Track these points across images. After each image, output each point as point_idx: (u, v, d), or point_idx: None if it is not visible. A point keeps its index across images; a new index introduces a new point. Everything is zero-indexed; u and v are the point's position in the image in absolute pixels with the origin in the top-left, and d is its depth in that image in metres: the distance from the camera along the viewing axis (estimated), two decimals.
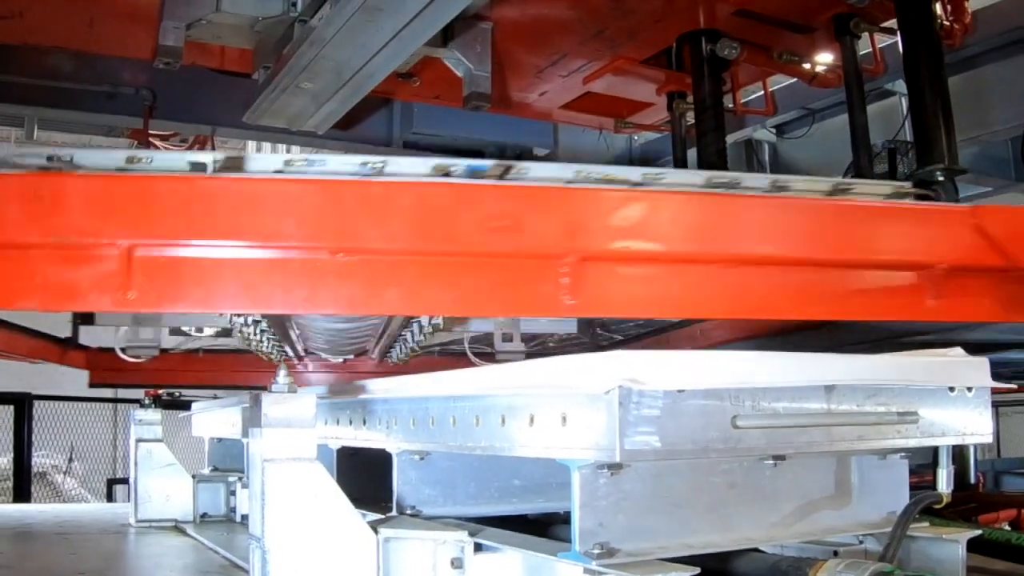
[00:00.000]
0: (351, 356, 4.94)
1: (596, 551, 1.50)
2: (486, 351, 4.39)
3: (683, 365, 1.48)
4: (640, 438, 1.44)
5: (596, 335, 4.61)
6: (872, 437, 1.73)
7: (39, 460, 9.69)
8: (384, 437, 2.25)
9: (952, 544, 1.89)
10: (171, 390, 8.37)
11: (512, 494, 2.19)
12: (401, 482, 2.22)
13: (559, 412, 1.56)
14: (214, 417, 4.00)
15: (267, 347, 4.60)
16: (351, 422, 2.46)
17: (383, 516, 2.10)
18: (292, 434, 1.80)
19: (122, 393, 7.80)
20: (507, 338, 4.15)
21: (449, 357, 4.90)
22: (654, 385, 1.43)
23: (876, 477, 1.94)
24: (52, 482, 11.23)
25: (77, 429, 10.83)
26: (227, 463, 4.11)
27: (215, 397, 9.16)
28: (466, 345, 4.37)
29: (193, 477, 3.86)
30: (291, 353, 4.92)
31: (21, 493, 7.85)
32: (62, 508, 5.84)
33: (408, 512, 2.15)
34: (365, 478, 2.36)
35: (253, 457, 1.82)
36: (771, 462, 1.74)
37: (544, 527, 2.21)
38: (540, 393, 1.61)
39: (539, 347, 4.88)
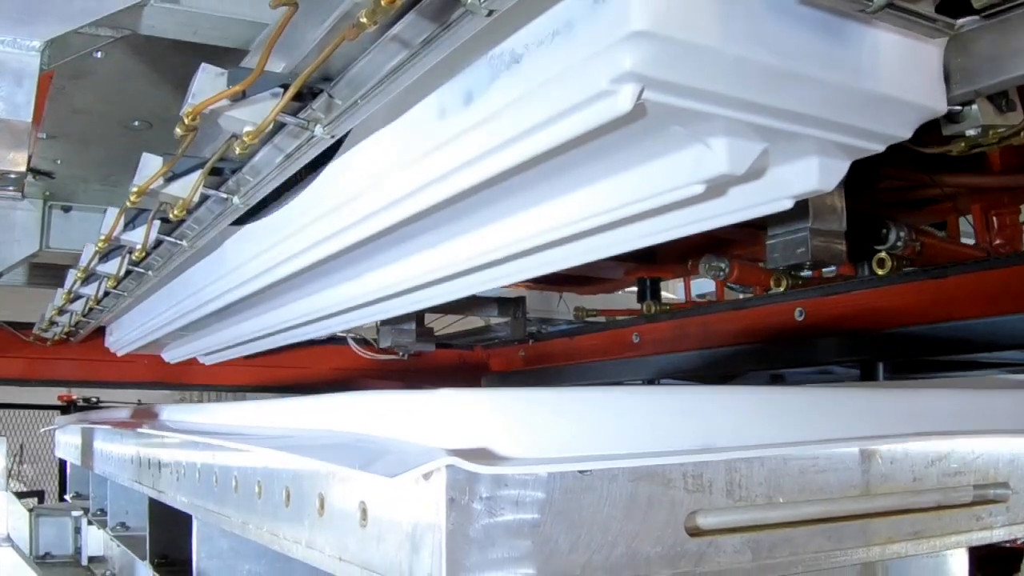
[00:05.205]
0: None
1: None
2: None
3: (582, 412, 0.74)
4: (498, 571, 0.69)
5: (522, 322, 3.31)
6: (934, 533, 1.00)
7: None
8: (174, 492, 1.50)
9: None
10: (88, 395, 7.57)
11: None
12: (204, 554, 1.48)
13: (356, 498, 0.81)
14: (67, 438, 3.25)
15: None
16: (150, 464, 1.70)
17: None
18: None
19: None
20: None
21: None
22: (523, 460, 0.69)
23: None
24: None
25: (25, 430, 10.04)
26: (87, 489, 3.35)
27: (139, 402, 8.36)
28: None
29: (30, 511, 3.08)
30: None
31: None
32: None
33: None
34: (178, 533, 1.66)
35: None
36: None
37: None
38: (332, 461, 0.85)
39: (472, 339, 3.82)
